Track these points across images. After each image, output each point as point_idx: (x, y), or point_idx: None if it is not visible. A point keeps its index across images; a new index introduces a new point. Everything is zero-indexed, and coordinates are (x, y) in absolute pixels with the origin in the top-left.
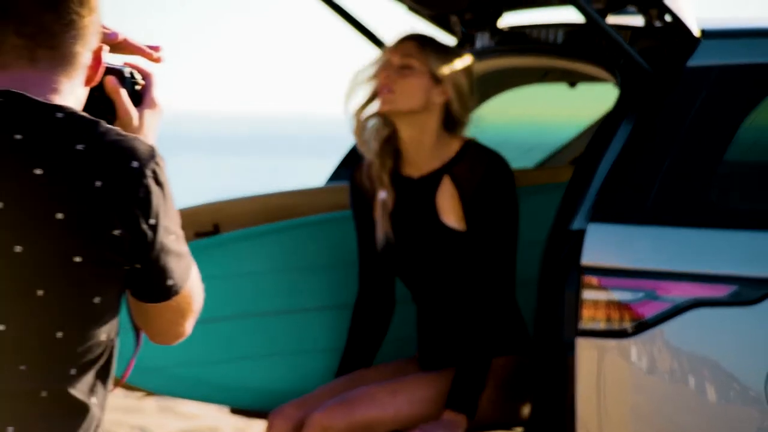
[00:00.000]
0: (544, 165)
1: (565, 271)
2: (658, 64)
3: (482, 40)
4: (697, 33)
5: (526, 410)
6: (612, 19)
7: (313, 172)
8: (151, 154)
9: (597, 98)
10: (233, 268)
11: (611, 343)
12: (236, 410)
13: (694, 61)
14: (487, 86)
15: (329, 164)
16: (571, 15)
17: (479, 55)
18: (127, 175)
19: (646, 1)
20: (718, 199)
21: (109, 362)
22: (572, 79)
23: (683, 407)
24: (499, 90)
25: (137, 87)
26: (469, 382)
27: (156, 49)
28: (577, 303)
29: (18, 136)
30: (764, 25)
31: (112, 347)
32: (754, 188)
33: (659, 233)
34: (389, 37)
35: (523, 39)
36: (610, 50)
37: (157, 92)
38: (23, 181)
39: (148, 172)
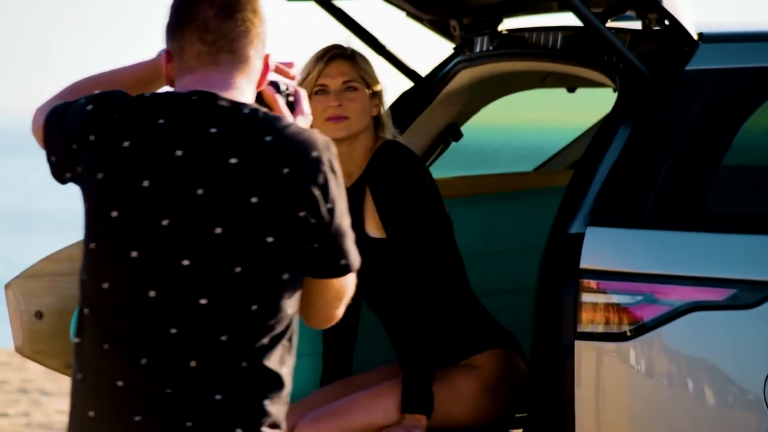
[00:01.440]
0: (542, 169)
1: (564, 275)
2: (656, 68)
3: (481, 45)
4: (695, 37)
5: (517, 405)
6: (611, 24)
7: None
8: (327, 145)
9: (596, 103)
10: None
11: (610, 346)
12: None
13: (692, 65)
14: (486, 90)
15: None
16: (570, 19)
17: (478, 59)
18: (310, 163)
19: (645, 5)
20: (716, 203)
21: (292, 335)
22: (571, 83)
23: (682, 410)
24: (499, 94)
25: (290, 98)
26: (416, 382)
27: (290, 65)
28: (575, 306)
29: (213, 130)
30: (762, 28)
31: (295, 321)
32: (752, 192)
33: (658, 237)
34: (391, 42)
35: (522, 43)
36: (609, 54)
37: (306, 103)
38: (220, 169)
39: (326, 161)
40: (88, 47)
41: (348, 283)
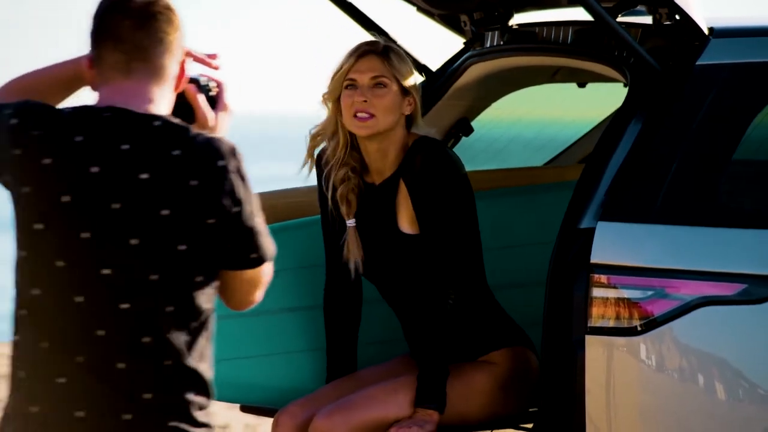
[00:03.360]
0: (553, 164)
1: (575, 270)
2: (667, 62)
3: (492, 39)
4: (706, 31)
5: (529, 401)
6: (621, 18)
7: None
8: (233, 152)
9: (606, 97)
10: None
11: (620, 341)
12: (246, 408)
13: (703, 60)
14: (496, 85)
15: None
16: (581, 14)
17: (489, 54)
18: (216, 173)
19: (656, 0)
20: (727, 197)
21: (210, 328)
22: (582, 78)
23: (692, 405)
24: (509, 89)
25: (211, 93)
26: (429, 377)
27: (213, 57)
28: (586, 301)
29: (125, 146)
30: None
31: (212, 315)
32: (763, 187)
33: (668, 232)
34: (401, 37)
35: (532, 38)
36: (620, 49)
37: (228, 97)
38: (133, 184)
39: (232, 168)
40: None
41: (263, 272)
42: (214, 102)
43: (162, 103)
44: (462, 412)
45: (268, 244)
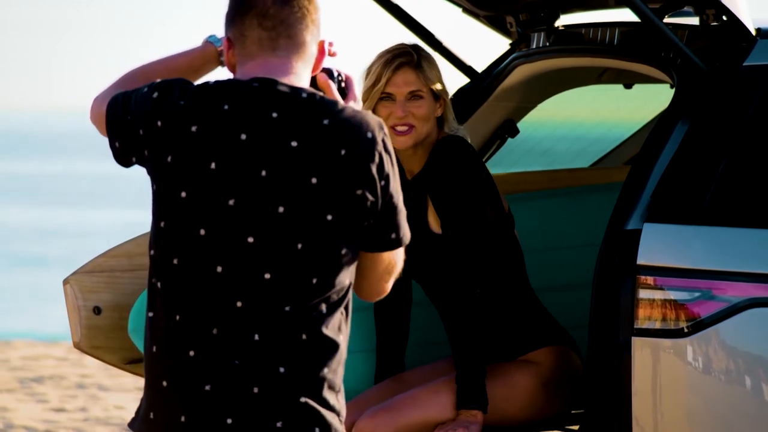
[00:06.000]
0: (599, 165)
1: (621, 271)
2: (714, 64)
3: (538, 41)
4: (753, 32)
5: (572, 401)
6: (668, 19)
7: None
8: (380, 126)
9: (653, 99)
10: None
11: (667, 343)
12: None
13: (750, 61)
14: (542, 87)
15: None
16: (627, 15)
17: (535, 55)
18: (365, 144)
19: (703, 0)
20: None
21: (348, 303)
22: (628, 79)
23: (739, 407)
24: (555, 90)
25: (342, 84)
26: (467, 377)
27: (330, 44)
28: (633, 302)
29: (274, 114)
30: None
31: (350, 291)
32: None
33: (715, 233)
34: (448, 38)
35: (578, 39)
36: (666, 50)
37: (357, 89)
38: (282, 152)
39: (379, 140)
40: (91, 45)
41: (398, 257)
42: (344, 93)
43: (305, 79)
44: (504, 412)
45: (407, 227)
